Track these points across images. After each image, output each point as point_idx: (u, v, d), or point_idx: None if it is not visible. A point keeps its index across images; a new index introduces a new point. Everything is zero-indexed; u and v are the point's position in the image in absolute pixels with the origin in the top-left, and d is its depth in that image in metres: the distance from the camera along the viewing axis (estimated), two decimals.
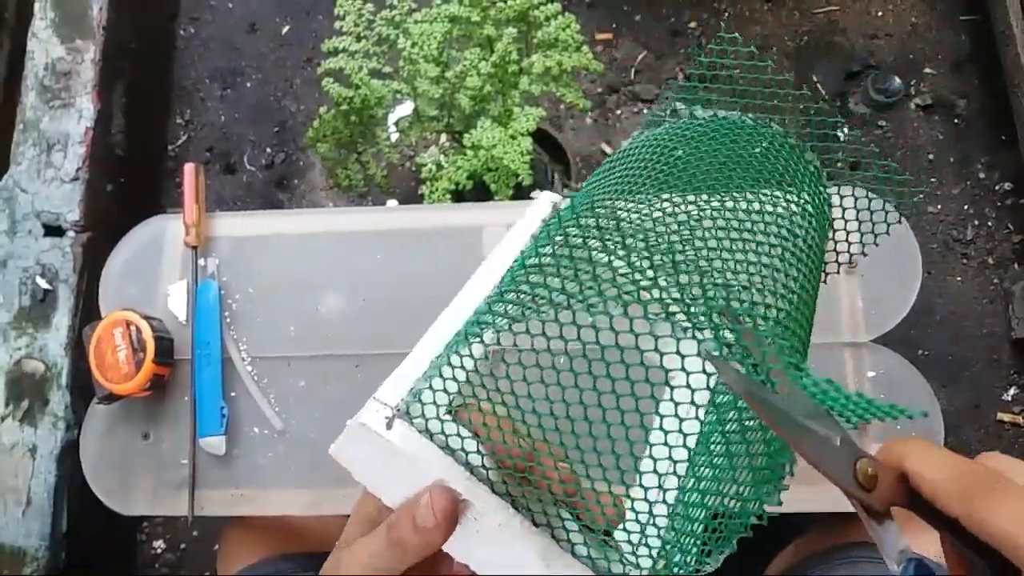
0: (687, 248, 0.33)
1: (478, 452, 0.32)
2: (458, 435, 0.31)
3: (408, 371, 0.34)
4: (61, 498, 0.93)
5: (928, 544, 0.29)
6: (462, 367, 0.32)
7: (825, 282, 0.39)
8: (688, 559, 0.31)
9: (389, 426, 0.31)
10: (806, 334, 0.35)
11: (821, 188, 0.40)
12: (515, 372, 0.29)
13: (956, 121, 1.15)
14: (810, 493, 0.42)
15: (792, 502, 0.46)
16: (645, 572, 0.32)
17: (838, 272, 0.42)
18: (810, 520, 0.80)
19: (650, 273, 0.30)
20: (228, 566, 0.76)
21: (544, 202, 0.47)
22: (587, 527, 0.32)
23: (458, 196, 0.87)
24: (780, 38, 1.21)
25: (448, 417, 0.32)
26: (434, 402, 0.32)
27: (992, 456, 0.28)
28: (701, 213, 0.34)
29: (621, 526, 0.31)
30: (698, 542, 0.30)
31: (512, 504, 0.31)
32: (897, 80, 1.14)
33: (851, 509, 0.28)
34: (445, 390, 0.32)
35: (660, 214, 0.35)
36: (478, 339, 0.33)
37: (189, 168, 0.79)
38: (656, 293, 0.28)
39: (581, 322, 0.27)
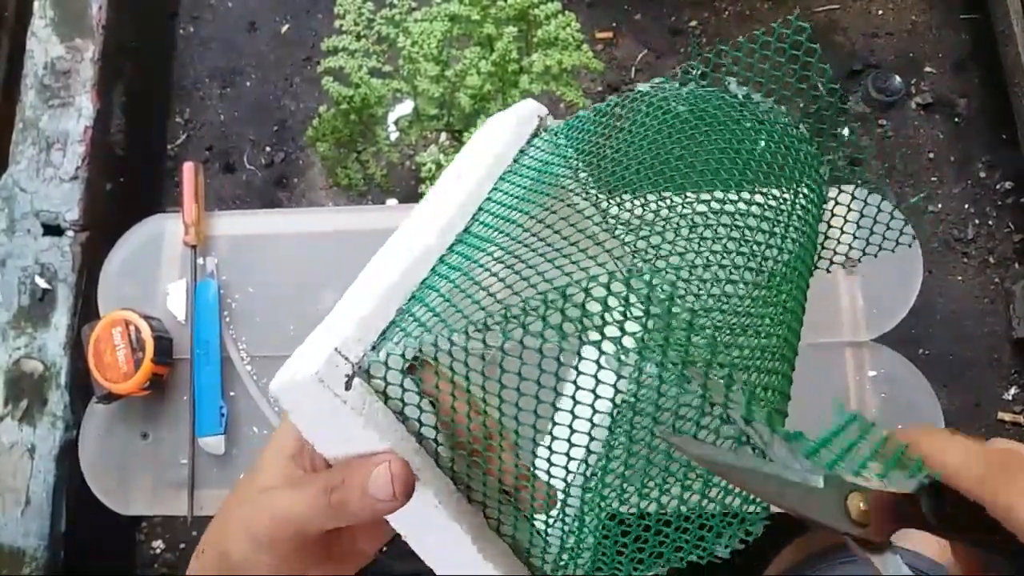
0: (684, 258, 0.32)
1: (432, 425, 0.30)
2: (417, 406, 0.29)
3: (369, 309, 0.30)
4: (60, 498, 0.93)
5: (931, 541, 0.28)
6: (445, 331, 0.28)
7: (816, 269, 0.39)
8: (589, 544, 0.31)
9: (348, 386, 0.28)
10: (793, 351, 0.34)
11: (823, 193, 0.39)
12: (494, 351, 0.26)
13: (956, 120, 1.15)
14: None
15: None
16: (560, 559, 0.31)
17: (831, 267, 0.42)
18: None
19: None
20: None
21: (528, 112, 0.42)
22: (520, 510, 0.31)
23: None
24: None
25: (410, 384, 0.29)
26: (399, 367, 0.29)
27: (1000, 441, 0.28)
28: (696, 219, 0.34)
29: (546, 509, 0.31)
30: (599, 529, 0.30)
31: (452, 478, 0.30)
32: (897, 79, 1.14)
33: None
34: (416, 353, 0.29)
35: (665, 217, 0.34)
36: (453, 292, 0.30)
37: (188, 167, 0.79)
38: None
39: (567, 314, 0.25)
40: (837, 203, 0.41)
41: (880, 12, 1.21)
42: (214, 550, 0.33)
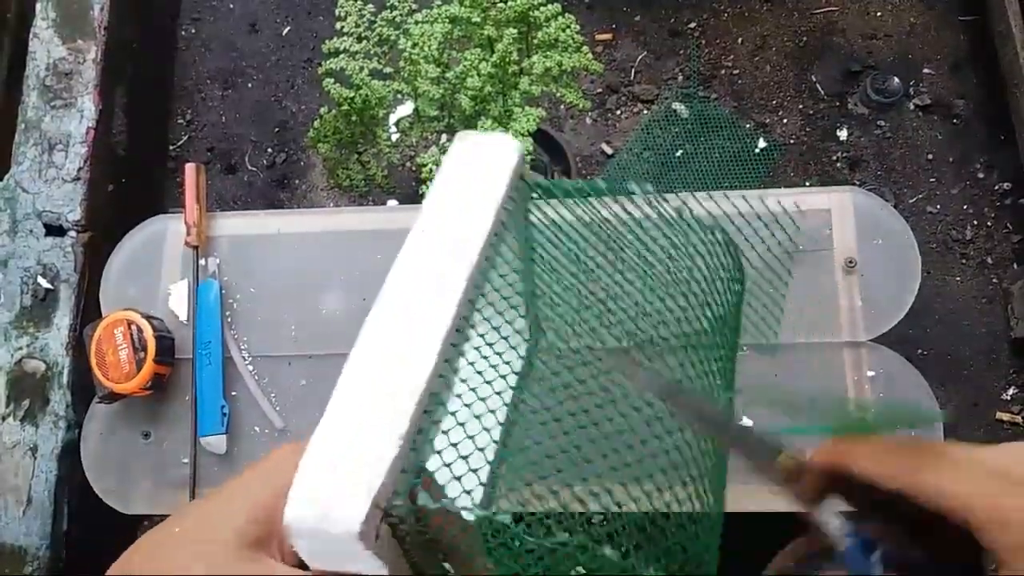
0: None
1: (423, 551, 0.29)
2: (421, 547, 0.28)
3: (398, 447, 0.27)
4: (61, 497, 0.93)
5: None
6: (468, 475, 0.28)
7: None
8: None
9: (378, 535, 0.26)
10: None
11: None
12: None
13: (955, 121, 1.15)
14: None
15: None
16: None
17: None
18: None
19: None
20: None
21: (516, 159, 0.36)
22: None
23: None
24: (779, 38, 1.21)
25: (421, 526, 0.28)
26: (416, 513, 0.28)
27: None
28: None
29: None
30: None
31: None
32: (896, 80, 1.15)
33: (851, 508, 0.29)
34: (439, 505, 0.28)
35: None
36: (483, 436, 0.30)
37: (190, 168, 0.80)
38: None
39: None
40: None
41: (878, 14, 1.21)
42: None
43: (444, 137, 1.12)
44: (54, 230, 1.00)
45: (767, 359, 0.71)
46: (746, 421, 0.70)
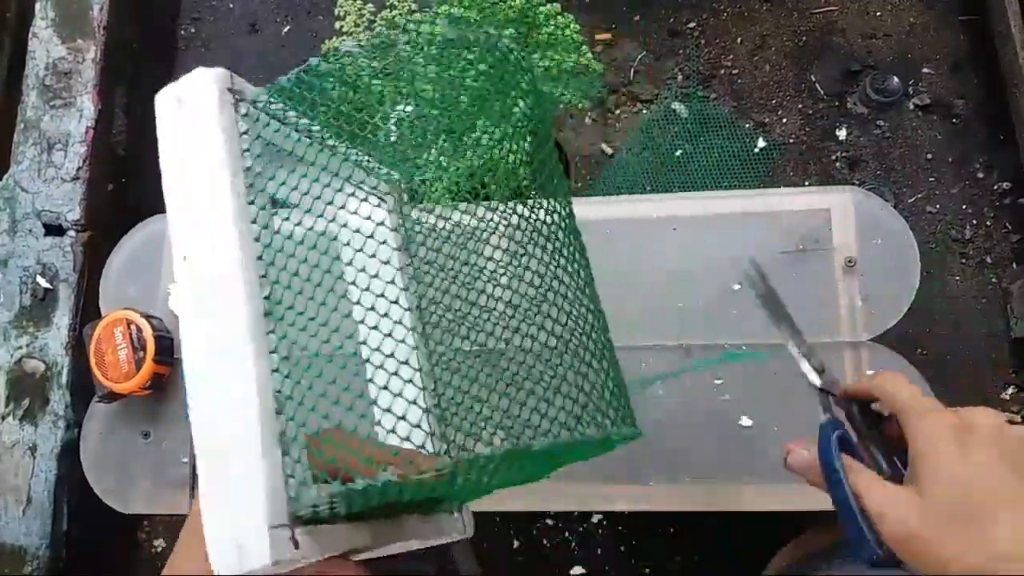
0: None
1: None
2: (351, 499, 0.30)
3: (266, 473, 0.28)
4: (61, 497, 0.93)
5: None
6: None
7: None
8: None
9: (297, 545, 0.28)
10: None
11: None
12: None
13: (954, 121, 1.15)
14: (810, 492, 0.43)
15: (792, 502, 0.46)
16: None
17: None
18: (810, 520, 0.81)
19: None
20: None
21: (203, 92, 0.34)
22: None
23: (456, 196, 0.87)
24: (778, 38, 1.21)
25: (333, 494, 0.30)
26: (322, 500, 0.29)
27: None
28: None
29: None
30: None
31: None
32: (895, 80, 1.15)
33: None
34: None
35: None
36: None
37: None
38: None
39: None
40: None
41: (878, 13, 1.21)
42: None
43: (443, 137, 1.11)
44: (53, 230, 1.00)
45: (765, 358, 0.71)
46: (745, 421, 0.70)
